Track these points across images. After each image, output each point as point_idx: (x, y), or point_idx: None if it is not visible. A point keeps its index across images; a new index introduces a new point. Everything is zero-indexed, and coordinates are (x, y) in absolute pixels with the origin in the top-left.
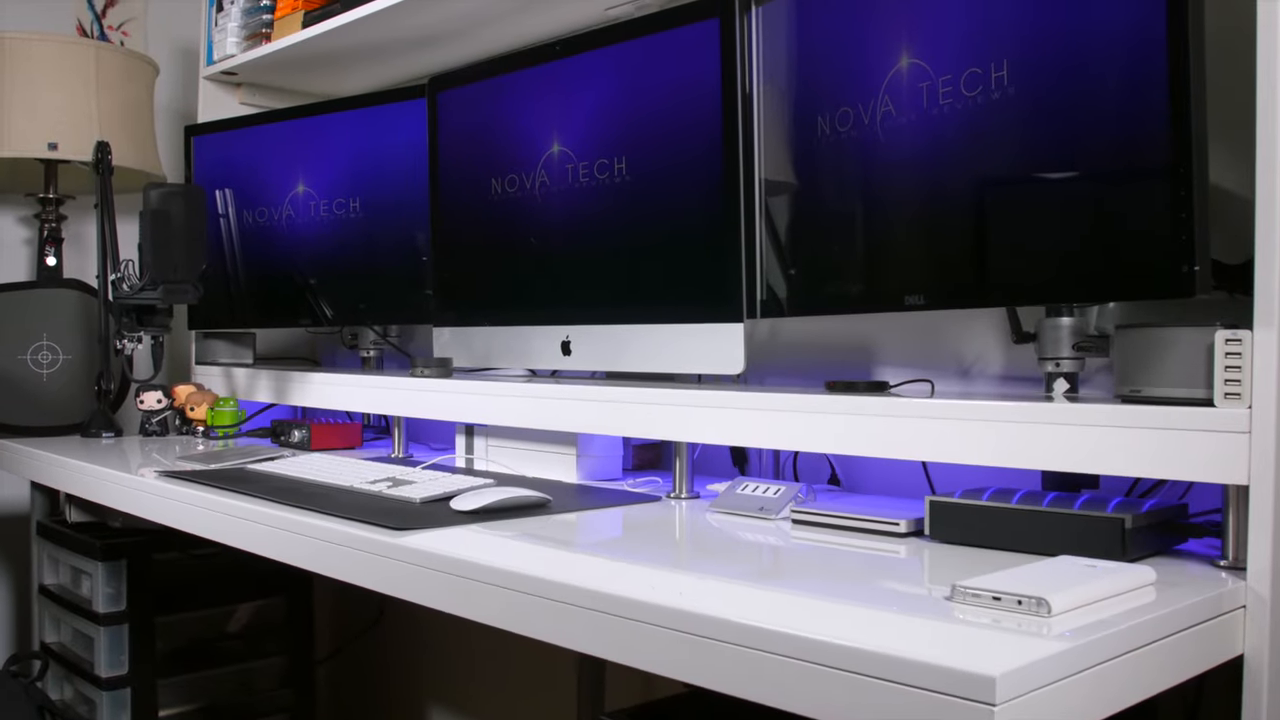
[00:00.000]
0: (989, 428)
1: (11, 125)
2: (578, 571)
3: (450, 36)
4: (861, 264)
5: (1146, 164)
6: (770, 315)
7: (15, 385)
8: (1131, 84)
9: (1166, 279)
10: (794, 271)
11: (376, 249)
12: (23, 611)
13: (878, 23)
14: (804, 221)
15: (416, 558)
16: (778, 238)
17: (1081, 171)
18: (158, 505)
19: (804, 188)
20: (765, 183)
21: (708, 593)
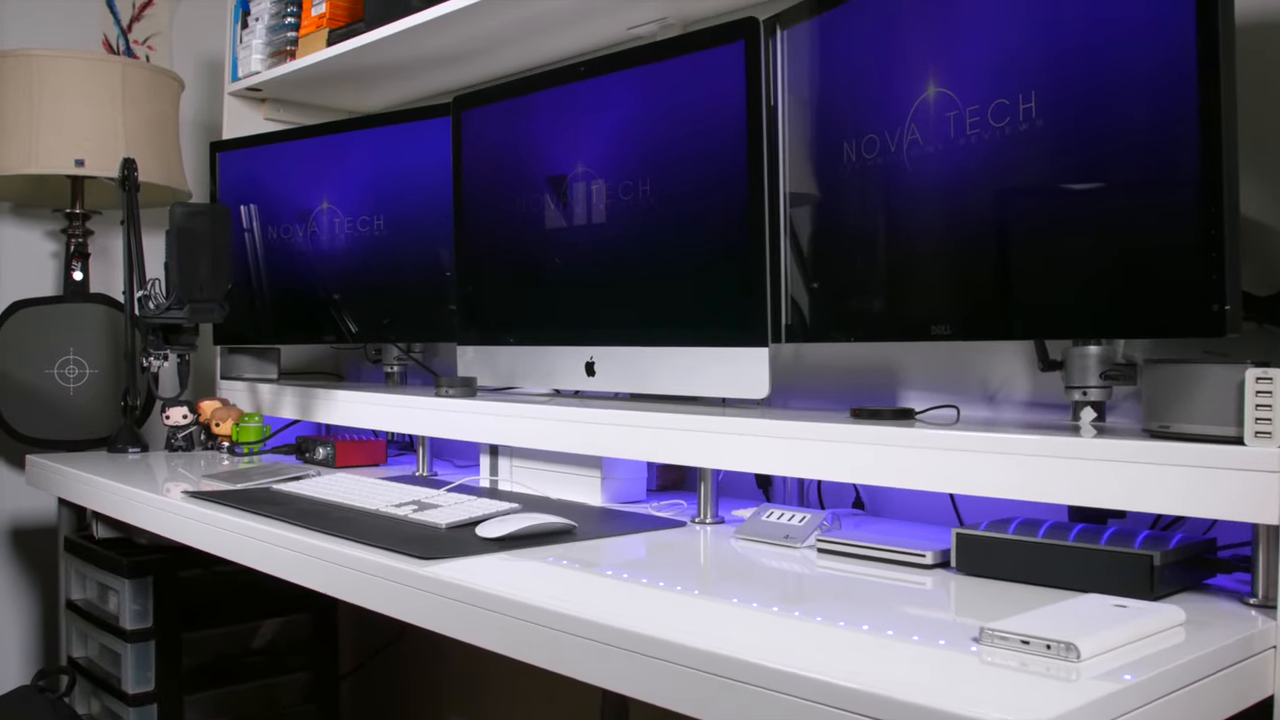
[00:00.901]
0: (1016, 461)
1: (39, 142)
2: (605, 606)
3: (473, 55)
4: (887, 292)
5: (1176, 201)
6: (795, 340)
7: (43, 399)
8: (1161, 118)
9: (1196, 318)
10: (819, 297)
11: (400, 265)
12: (50, 626)
13: (904, 50)
14: (830, 248)
15: (443, 589)
16: (803, 263)
17: (1110, 206)
18: (184, 526)
19: (830, 214)
20: (790, 208)
21: (734, 631)
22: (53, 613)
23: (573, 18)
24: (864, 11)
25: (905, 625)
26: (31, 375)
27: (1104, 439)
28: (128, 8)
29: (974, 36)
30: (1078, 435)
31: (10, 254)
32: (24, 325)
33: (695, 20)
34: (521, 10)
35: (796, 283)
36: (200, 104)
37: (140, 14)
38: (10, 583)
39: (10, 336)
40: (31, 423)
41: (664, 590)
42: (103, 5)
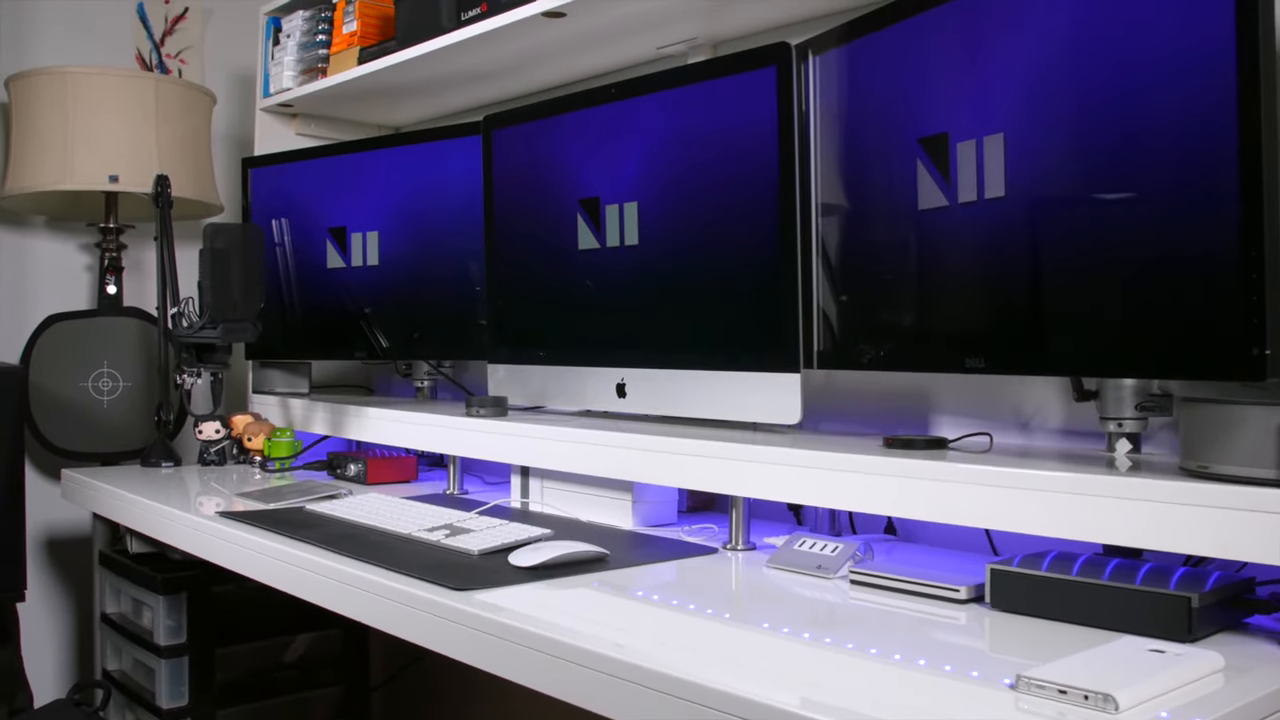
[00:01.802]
0: (1050, 498)
1: (74, 158)
2: (639, 645)
3: (503, 73)
4: (921, 323)
5: (1216, 244)
6: (827, 367)
7: (77, 412)
8: (1203, 158)
9: (1236, 361)
10: (852, 325)
11: (430, 282)
12: (85, 638)
13: (937, 79)
14: (862, 276)
15: (477, 622)
16: (836, 290)
17: (1148, 245)
18: (218, 547)
19: (862, 241)
20: (822, 234)
21: (767, 671)
22: (87, 624)
23: (603, 38)
24: (896, 39)
25: (941, 668)
26: (66, 388)
27: (1141, 478)
28: (160, 22)
29: (1009, 69)
30: (1113, 469)
31: (45, 267)
32: (59, 339)
33: (725, 40)
34: (553, 32)
35: (829, 309)
36: (232, 117)
37: (173, 28)
38: (46, 593)
39: (45, 350)
40: (66, 435)
41: (698, 626)
42: (136, 20)
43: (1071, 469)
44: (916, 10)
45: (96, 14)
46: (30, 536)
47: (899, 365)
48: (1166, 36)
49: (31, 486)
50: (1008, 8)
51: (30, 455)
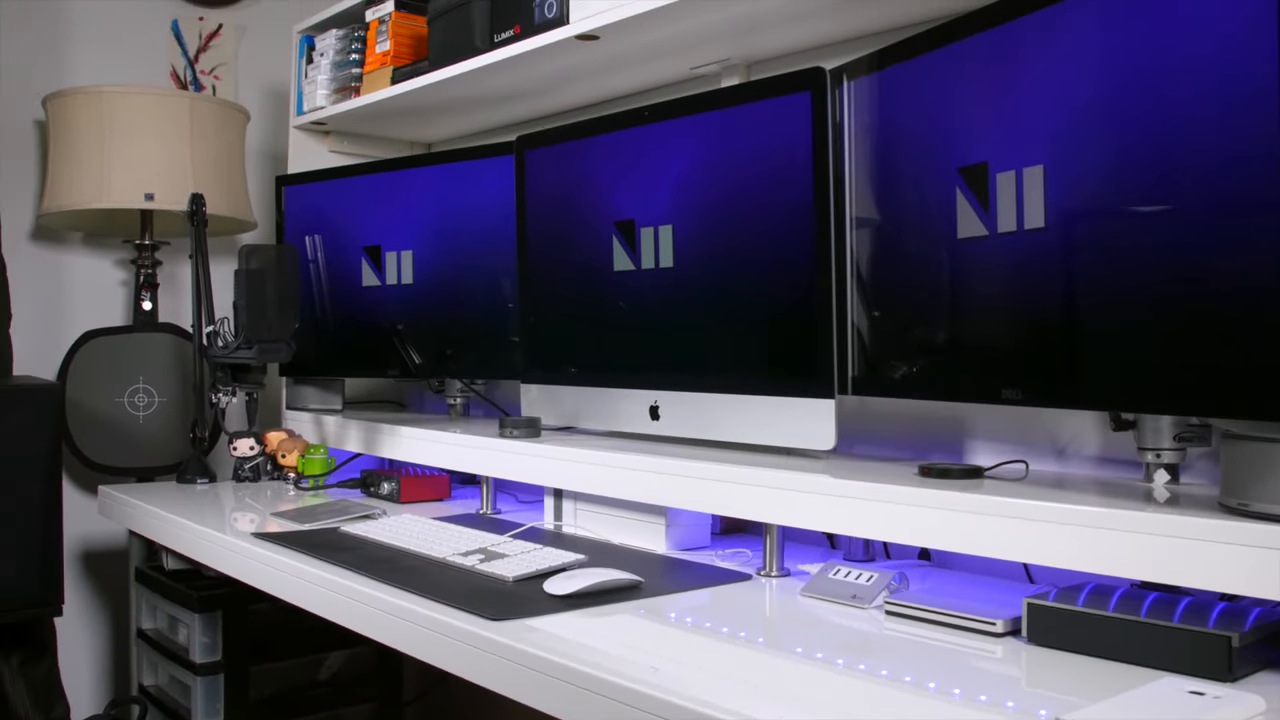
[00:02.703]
0: (1087, 533)
1: (110, 176)
2: (674, 683)
3: (535, 92)
4: (957, 352)
5: (1261, 279)
6: (862, 393)
7: (113, 427)
8: (1244, 194)
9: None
10: (887, 352)
11: (463, 300)
12: (121, 652)
13: (977, 109)
14: (898, 302)
15: (513, 654)
16: (870, 316)
17: (1190, 280)
18: (254, 569)
19: (897, 269)
20: (857, 259)
21: (801, 700)
22: (124, 639)
23: (636, 59)
24: (932, 66)
25: (975, 696)
26: (102, 403)
27: (1180, 515)
28: (194, 39)
29: (1048, 98)
30: (1151, 502)
31: (81, 283)
32: (95, 354)
33: (759, 60)
34: (586, 54)
35: (863, 335)
36: (265, 132)
37: (207, 45)
38: (83, 607)
39: (82, 366)
40: (102, 450)
41: (732, 658)
42: (170, 37)
43: (1109, 503)
44: (952, 39)
45: (131, 31)
46: (67, 551)
47: (934, 394)
48: (1208, 70)
49: (69, 501)
50: (1044, 40)
51: (67, 470)
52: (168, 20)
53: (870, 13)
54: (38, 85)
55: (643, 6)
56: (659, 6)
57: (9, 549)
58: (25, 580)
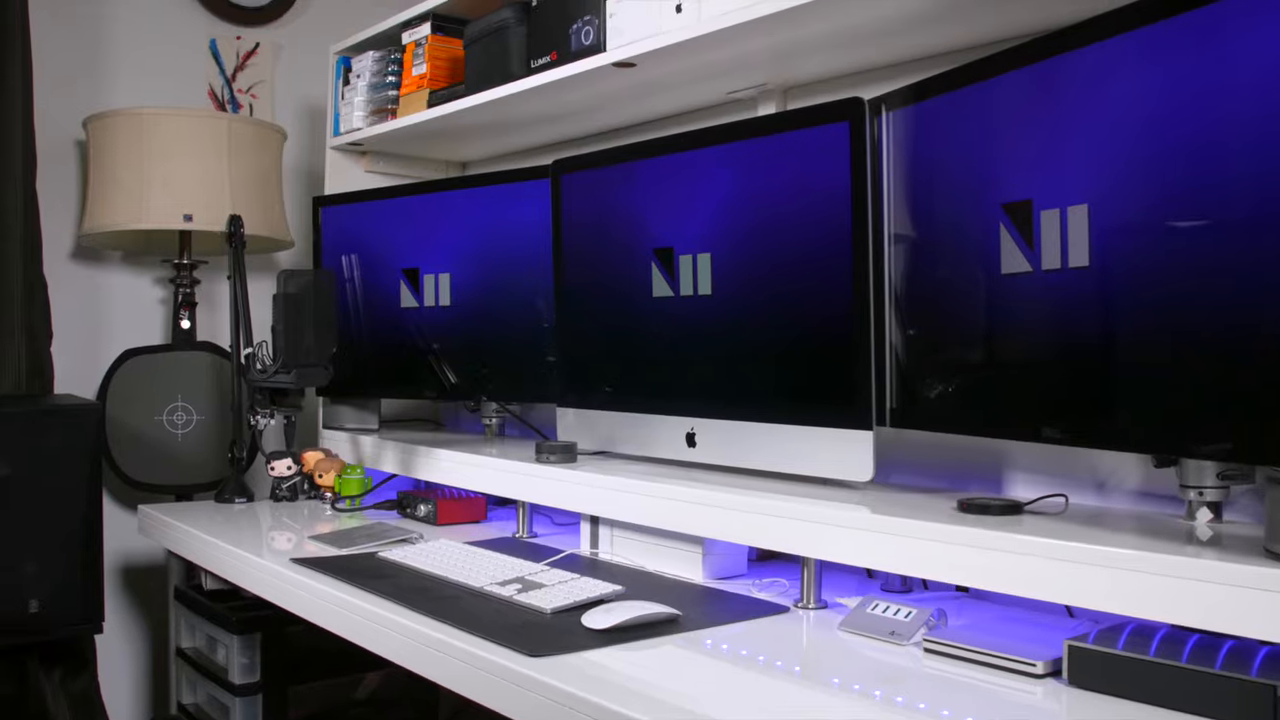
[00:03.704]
0: (1128, 577)
1: (150, 198)
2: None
3: (571, 116)
4: (997, 389)
5: None
6: (900, 425)
7: (152, 445)
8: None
9: None
10: (926, 384)
11: (499, 321)
12: (160, 670)
13: (1020, 145)
14: (938, 335)
15: (551, 693)
16: (910, 348)
17: (1235, 324)
18: (292, 596)
19: (939, 302)
20: (897, 291)
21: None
22: (163, 657)
23: (674, 84)
24: (973, 100)
25: None
26: (141, 422)
27: (1223, 561)
28: (232, 58)
29: (1093, 137)
30: (1193, 542)
31: (120, 301)
32: (134, 373)
33: (795, 84)
34: (623, 80)
35: (902, 367)
36: (301, 148)
37: (244, 64)
38: (123, 624)
39: (121, 384)
40: (142, 468)
41: (770, 696)
42: (208, 56)
43: (1150, 545)
44: (993, 73)
45: (170, 51)
46: (108, 567)
47: (973, 429)
48: (1256, 111)
49: (108, 518)
50: (1088, 77)
51: (107, 487)
52: (205, 39)
53: (907, 41)
54: (78, 105)
55: (679, 36)
56: (696, 36)
57: (51, 568)
58: (67, 598)
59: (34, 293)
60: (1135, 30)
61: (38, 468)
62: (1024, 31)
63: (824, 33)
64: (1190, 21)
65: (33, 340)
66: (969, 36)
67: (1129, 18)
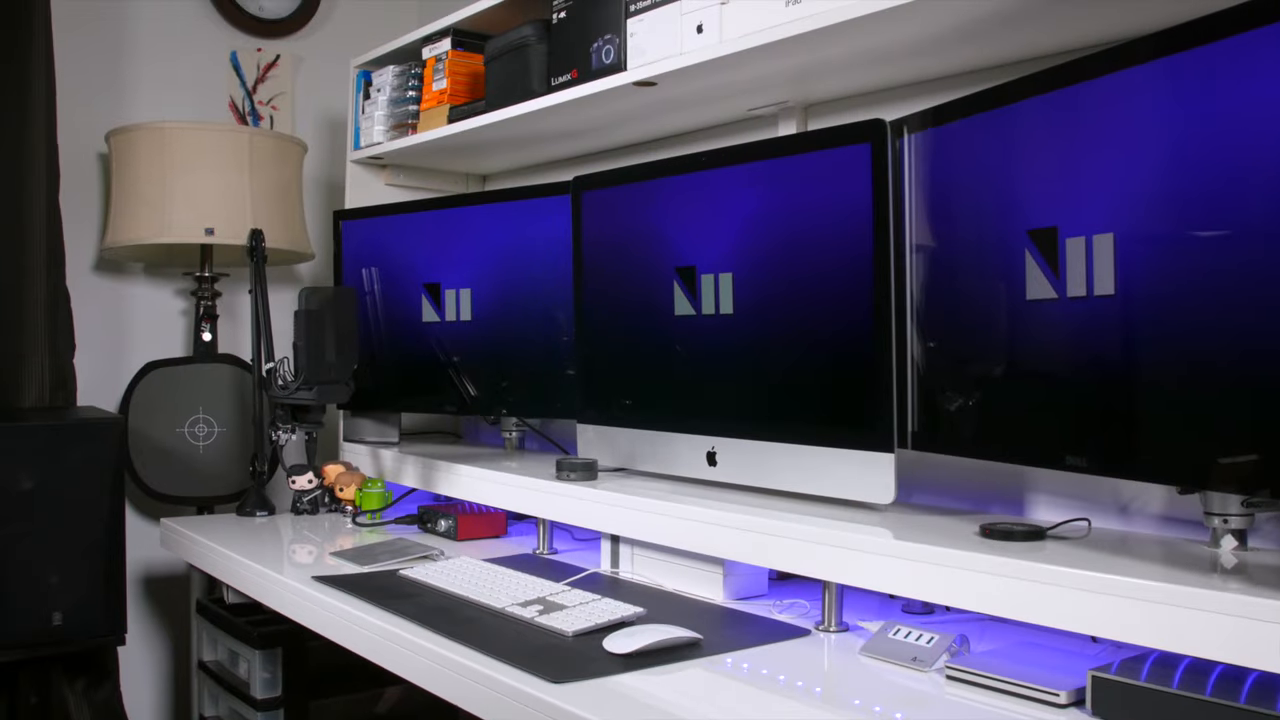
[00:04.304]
0: (1151, 608)
1: (172, 212)
2: None
3: (591, 132)
4: (1020, 415)
5: None
6: (921, 448)
7: (174, 457)
8: None
9: None
10: (948, 408)
11: (520, 336)
12: (182, 682)
13: (1045, 171)
14: (960, 360)
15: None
16: (932, 371)
17: (1264, 357)
18: (314, 614)
19: (961, 327)
20: (919, 312)
21: None
22: (185, 669)
23: (694, 102)
24: (997, 124)
25: None
26: (163, 433)
27: (1249, 595)
28: (253, 70)
29: (1118, 166)
30: (1217, 571)
31: (142, 313)
32: (156, 385)
33: (816, 102)
34: (643, 98)
35: (924, 389)
36: (322, 159)
37: (264, 76)
38: (145, 635)
39: (143, 396)
40: (163, 480)
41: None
42: (229, 69)
43: (1175, 575)
44: (1017, 98)
45: (191, 63)
46: (130, 578)
47: (995, 455)
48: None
49: (130, 529)
50: (1113, 105)
51: (129, 498)
52: (226, 52)
53: (928, 61)
54: (101, 117)
55: (700, 57)
56: (717, 57)
57: (74, 580)
58: (89, 610)
59: (57, 306)
60: (1161, 59)
61: (61, 481)
62: (1045, 52)
63: (845, 54)
64: (1219, 51)
65: (56, 353)
66: (990, 57)
67: (1155, 45)
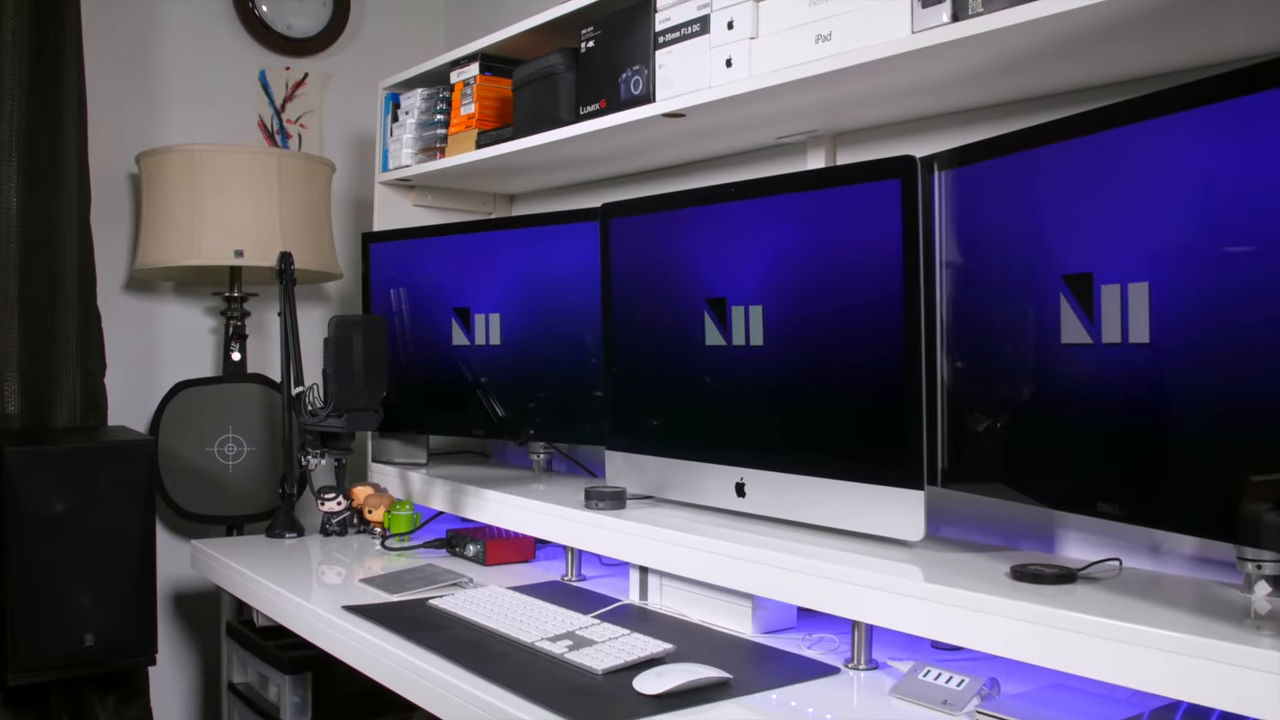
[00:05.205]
0: (1182, 661)
1: (202, 234)
2: None
3: (619, 158)
4: (1053, 459)
5: None
6: (952, 486)
7: (203, 476)
8: None
9: None
10: (978, 447)
11: (548, 362)
12: (212, 703)
13: (1080, 215)
14: (991, 400)
15: None
16: (963, 411)
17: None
18: (343, 645)
19: (992, 367)
20: (949, 351)
21: None
22: (215, 689)
23: (723, 130)
24: (1030, 165)
25: None
26: (193, 453)
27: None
28: (281, 88)
29: (1154, 216)
30: (1250, 619)
31: (172, 331)
32: (186, 404)
33: (845, 130)
34: (672, 128)
35: (954, 426)
36: (350, 177)
37: (293, 94)
38: (176, 654)
39: (174, 415)
40: (193, 499)
41: None
42: (258, 87)
43: (1207, 625)
44: (1052, 139)
45: (220, 81)
46: (160, 597)
47: (1025, 497)
48: None
49: (161, 547)
50: (1149, 153)
51: (160, 517)
52: (255, 70)
53: (959, 95)
54: (131, 135)
55: (729, 91)
56: (745, 92)
57: (105, 601)
58: (121, 632)
59: (89, 326)
60: (1198, 108)
61: (92, 503)
62: (1080, 86)
63: (877, 89)
64: (1256, 103)
65: (88, 372)
66: (1026, 89)
67: (1192, 94)
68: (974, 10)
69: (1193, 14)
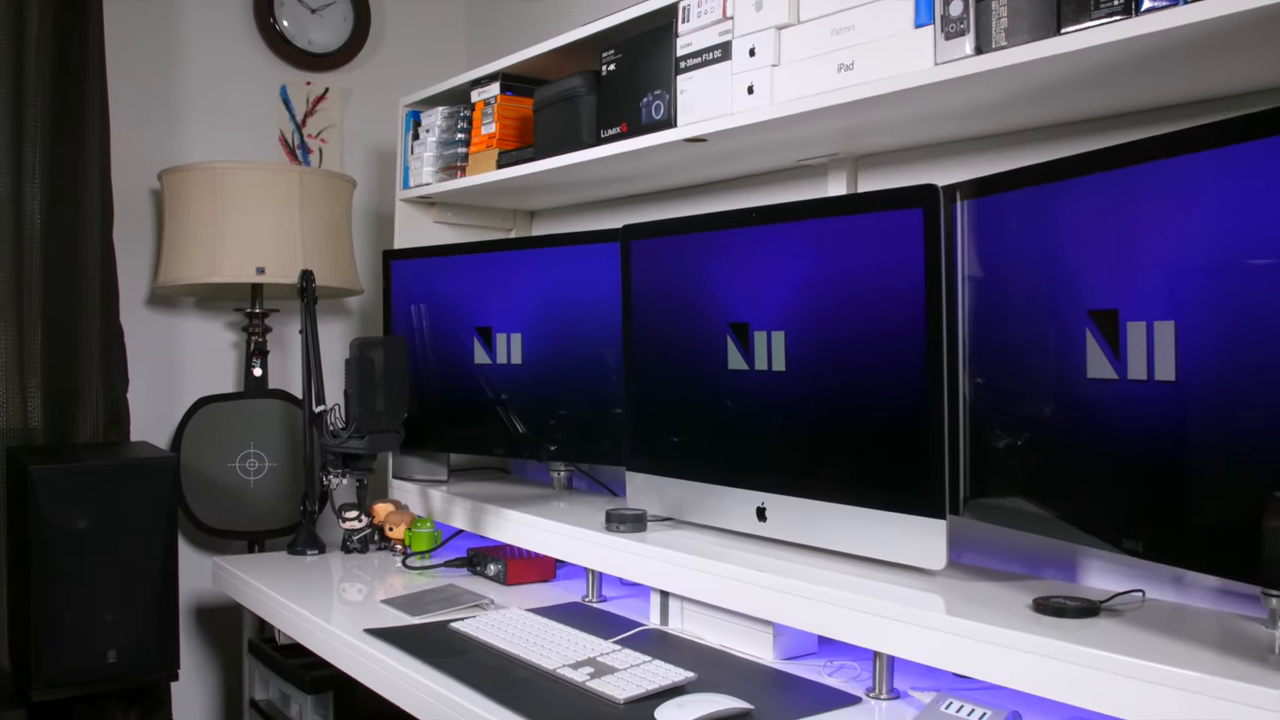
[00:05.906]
0: (1205, 702)
1: (223, 251)
2: None
3: (639, 178)
4: (1076, 495)
5: None
6: (974, 517)
7: (225, 491)
8: None
9: None
10: (1001, 480)
11: (569, 382)
12: (234, 718)
13: (1106, 250)
14: (1013, 431)
15: None
16: (985, 442)
17: None
18: (363, 668)
19: (1016, 400)
20: (972, 379)
21: None
22: (236, 706)
23: (744, 154)
24: (1053, 198)
25: None
26: (215, 468)
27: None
28: (302, 103)
29: (1181, 255)
30: (1272, 656)
31: (193, 347)
32: (208, 420)
33: (866, 154)
34: (693, 151)
35: (976, 459)
36: (371, 193)
37: (314, 109)
38: (198, 669)
39: (195, 431)
40: (215, 514)
41: None
42: (279, 102)
43: (1229, 664)
44: (1076, 173)
45: (242, 96)
46: (182, 612)
47: (1049, 531)
48: None
49: (183, 562)
50: (1178, 190)
51: (182, 532)
52: (276, 85)
53: (982, 122)
54: (153, 150)
55: (751, 118)
56: (767, 119)
57: (128, 617)
58: (143, 648)
59: (111, 341)
60: (1226, 147)
61: (114, 520)
62: (1100, 114)
63: (896, 117)
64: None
65: (110, 388)
66: (1045, 118)
67: (1220, 133)
68: (997, 44)
69: (1219, 49)
